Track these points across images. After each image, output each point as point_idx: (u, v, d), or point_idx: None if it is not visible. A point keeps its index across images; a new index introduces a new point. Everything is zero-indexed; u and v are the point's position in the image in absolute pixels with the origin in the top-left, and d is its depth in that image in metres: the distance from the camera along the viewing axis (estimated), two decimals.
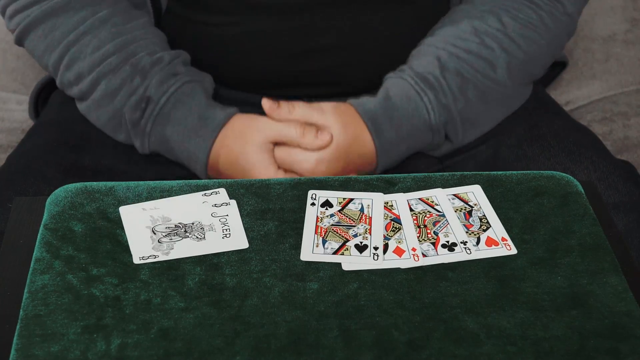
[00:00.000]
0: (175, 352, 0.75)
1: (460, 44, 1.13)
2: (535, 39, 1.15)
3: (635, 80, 1.49)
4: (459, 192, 0.92)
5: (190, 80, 1.12)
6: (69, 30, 1.11)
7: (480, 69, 1.12)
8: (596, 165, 1.09)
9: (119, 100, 1.11)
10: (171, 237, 0.86)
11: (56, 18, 1.12)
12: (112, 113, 1.12)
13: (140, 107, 1.10)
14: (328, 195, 0.91)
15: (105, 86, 1.11)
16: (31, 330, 0.76)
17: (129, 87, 1.10)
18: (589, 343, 0.76)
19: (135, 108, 1.10)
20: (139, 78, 1.10)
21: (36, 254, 0.84)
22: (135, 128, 1.11)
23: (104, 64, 1.10)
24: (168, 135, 1.10)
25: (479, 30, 1.13)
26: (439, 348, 0.76)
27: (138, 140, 1.11)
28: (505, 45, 1.13)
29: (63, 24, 1.11)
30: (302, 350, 0.75)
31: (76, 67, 1.12)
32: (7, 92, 1.49)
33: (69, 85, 1.14)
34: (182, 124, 1.10)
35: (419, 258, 0.84)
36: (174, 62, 1.12)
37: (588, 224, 0.88)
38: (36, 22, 1.12)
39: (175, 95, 1.10)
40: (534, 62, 1.17)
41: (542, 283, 0.82)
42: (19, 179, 1.09)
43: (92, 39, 1.11)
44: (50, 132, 1.18)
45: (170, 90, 1.10)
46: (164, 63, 1.11)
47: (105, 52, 1.10)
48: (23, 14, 1.13)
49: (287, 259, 0.84)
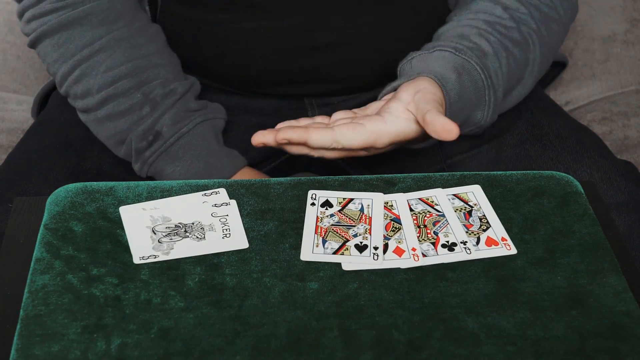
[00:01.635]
0: (175, 352, 0.75)
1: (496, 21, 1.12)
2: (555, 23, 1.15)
3: (635, 80, 1.49)
4: (459, 192, 0.92)
5: (203, 121, 1.12)
6: (83, 45, 1.11)
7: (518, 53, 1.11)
8: (598, 165, 1.09)
9: (124, 122, 1.11)
10: (171, 237, 0.86)
11: (72, 30, 1.11)
12: (113, 132, 1.12)
13: (148, 138, 1.10)
14: (328, 195, 0.91)
15: (112, 108, 1.10)
16: (31, 330, 0.76)
17: (137, 115, 1.10)
18: (588, 343, 0.76)
19: (142, 138, 1.10)
20: (149, 108, 1.10)
21: (36, 254, 0.84)
22: (138, 155, 1.11)
23: (115, 85, 1.10)
24: (169, 172, 1.11)
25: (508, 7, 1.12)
26: (438, 348, 0.76)
27: (137, 165, 1.12)
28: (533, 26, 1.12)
29: (78, 37, 1.11)
30: (302, 350, 0.75)
31: (85, 83, 1.11)
32: (7, 92, 1.49)
33: (74, 98, 1.13)
34: (186, 167, 1.10)
35: (418, 258, 0.84)
36: (186, 95, 1.12)
37: (588, 224, 0.88)
38: (52, 31, 1.12)
39: (186, 137, 1.11)
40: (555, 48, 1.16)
41: (542, 283, 0.82)
42: (19, 179, 1.09)
43: (105, 59, 1.10)
44: (52, 133, 1.18)
45: (182, 131, 1.10)
46: (176, 96, 1.11)
47: (118, 74, 1.10)
48: (40, 20, 1.12)
49: (287, 259, 0.84)
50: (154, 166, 1.11)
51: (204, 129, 1.12)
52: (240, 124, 1.22)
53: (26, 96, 1.49)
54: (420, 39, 1.18)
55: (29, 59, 1.52)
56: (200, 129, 1.11)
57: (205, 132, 1.12)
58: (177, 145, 1.10)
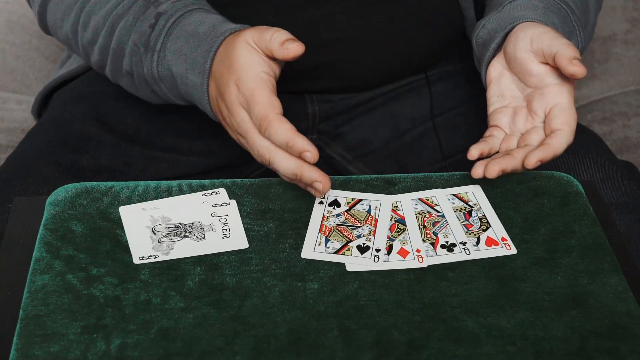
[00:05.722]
0: (175, 352, 0.75)
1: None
2: None
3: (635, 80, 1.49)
4: (459, 192, 0.92)
5: (208, 6, 1.06)
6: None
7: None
8: (599, 165, 1.09)
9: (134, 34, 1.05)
10: (171, 237, 0.86)
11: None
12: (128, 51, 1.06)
13: (152, 24, 1.04)
14: (337, 195, 0.91)
15: (120, 29, 1.06)
16: (31, 330, 0.76)
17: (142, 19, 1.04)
18: (589, 343, 0.76)
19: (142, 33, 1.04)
20: (153, 7, 1.04)
21: (36, 254, 0.84)
22: (146, 49, 1.04)
23: (118, 7, 1.06)
24: (176, 47, 1.03)
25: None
26: (439, 348, 0.76)
27: (147, 62, 1.04)
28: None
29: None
30: (302, 350, 0.75)
31: (93, 22, 1.07)
32: (7, 92, 1.49)
33: (89, 48, 1.10)
34: (192, 34, 1.02)
35: (423, 259, 0.84)
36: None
37: (588, 224, 0.88)
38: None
39: (191, 13, 1.04)
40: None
41: (542, 283, 0.82)
42: (18, 179, 1.09)
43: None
44: (49, 132, 1.18)
45: (187, 8, 1.04)
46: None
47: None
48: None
49: (287, 259, 0.84)
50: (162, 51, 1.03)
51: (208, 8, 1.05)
52: None
53: (26, 96, 1.49)
54: (427, 39, 1.18)
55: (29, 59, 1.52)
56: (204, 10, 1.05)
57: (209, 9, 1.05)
58: (182, 19, 1.03)
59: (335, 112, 1.22)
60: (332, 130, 1.24)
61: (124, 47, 1.06)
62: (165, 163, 1.17)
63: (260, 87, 0.93)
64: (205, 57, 0.99)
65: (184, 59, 1.01)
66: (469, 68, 1.25)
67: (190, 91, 1.02)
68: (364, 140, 1.23)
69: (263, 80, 0.94)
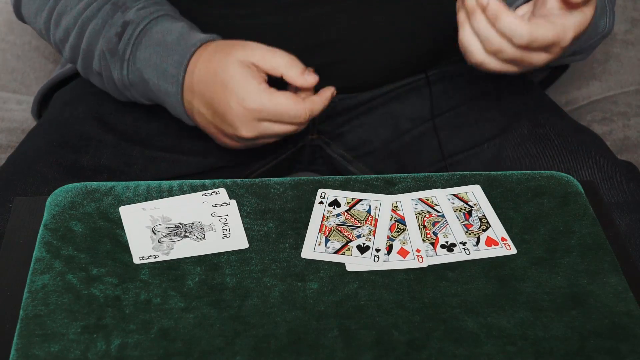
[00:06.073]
0: (175, 352, 0.75)
1: None
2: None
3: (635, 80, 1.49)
4: (459, 192, 0.92)
5: (173, 11, 1.08)
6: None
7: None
8: (600, 165, 1.09)
9: (103, 39, 1.08)
10: (171, 237, 0.86)
11: None
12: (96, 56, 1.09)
13: (116, 31, 1.06)
14: (337, 195, 0.91)
15: (90, 32, 1.08)
16: (31, 330, 0.76)
17: (109, 24, 1.07)
18: (589, 343, 0.76)
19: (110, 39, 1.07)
20: (120, 12, 1.07)
21: (36, 254, 0.84)
22: (114, 57, 1.07)
23: (87, 10, 1.08)
24: (146, 57, 1.06)
25: None
26: (439, 348, 0.76)
27: (117, 69, 1.07)
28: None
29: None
30: (302, 350, 0.75)
31: (64, 22, 1.10)
32: (7, 92, 1.49)
33: (61, 45, 1.12)
34: (162, 45, 1.05)
35: (423, 259, 0.84)
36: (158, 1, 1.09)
37: (588, 224, 0.88)
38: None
39: (157, 20, 1.06)
40: None
41: (542, 283, 0.82)
42: (19, 179, 1.09)
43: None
44: (50, 132, 1.18)
45: (152, 15, 1.06)
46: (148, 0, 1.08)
47: (89, 0, 1.09)
48: None
49: (287, 258, 0.84)
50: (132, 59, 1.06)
51: (175, 16, 1.08)
52: None
53: (26, 96, 1.49)
54: (427, 38, 1.18)
55: (29, 59, 1.52)
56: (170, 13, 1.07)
57: (176, 17, 1.08)
58: (149, 27, 1.06)
59: (336, 112, 1.23)
60: (332, 130, 1.24)
61: (93, 49, 1.09)
62: (165, 163, 1.17)
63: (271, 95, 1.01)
64: (178, 68, 1.03)
65: (154, 67, 1.05)
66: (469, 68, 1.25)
67: (163, 97, 1.06)
68: (364, 140, 1.23)
69: (267, 89, 1.01)
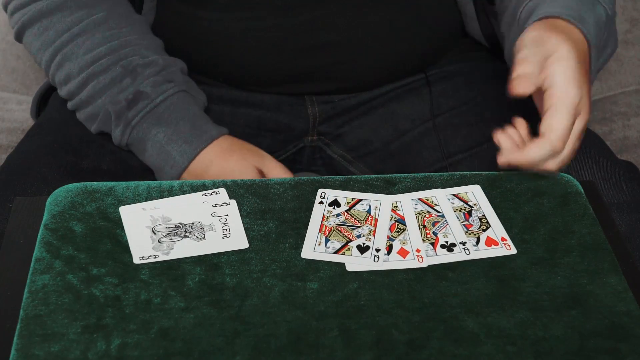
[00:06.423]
0: (175, 352, 0.75)
1: None
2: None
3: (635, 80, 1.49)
4: (459, 192, 0.92)
5: (186, 90, 1.12)
6: (63, 30, 1.11)
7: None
8: (600, 165, 1.09)
9: (106, 98, 1.10)
10: (171, 237, 0.86)
11: (52, 17, 1.12)
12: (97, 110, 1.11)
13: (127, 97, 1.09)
14: (337, 195, 0.91)
15: (94, 86, 1.10)
16: (31, 330, 0.76)
17: (117, 87, 1.10)
18: (588, 343, 0.76)
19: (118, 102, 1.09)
20: (130, 79, 1.10)
21: (36, 254, 0.84)
22: (120, 119, 1.09)
23: (95, 65, 1.10)
24: (154, 133, 1.09)
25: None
26: (439, 348, 0.76)
27: (119, 129, 1.10)
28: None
29: (58, 23, 1.12)
30: (302, 350, 0.75)
31: (67, 68, 1.12)
32: (7, 92, 1.49)
33: (59, 85, 1.14)
34: (172, 127, 1.09)
35: (423, 259, 0.84)
36: (169, 68, 1.12)
37: (588, 224, 0.88)
38: (32, 20, 1.13)
39: (171, 98, 1.10)
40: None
41: (541, 283, 0.82)
42: (18, 180, 1.08)
43: (85, 41, 1.11)
44: (50, 132, 1.18)
45: (167, 92, 1.10)
46: (158, 67, 1.11)
47: (97, 54, 1.10)
48: (22, 12, 1.14)
49: (287, 258, 0.84)
50: (138, 129, 1.09)
51: (187, 96, 1.11)
52: (241, 116, 1.22)
53: (26, 96, 1.49)
54: (425, 38, 1.18)
55: (29, 59, 1.52)
56: (183, 95, 1.11)
57: (189, 99, 1.11)
58: (163, 106, 1.09)
59: (335, 113, 1.23)
60: (332, 131, 1.24)
61: (92, 101, 1.12)
62: None
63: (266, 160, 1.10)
64: (183, 157, 1.08)
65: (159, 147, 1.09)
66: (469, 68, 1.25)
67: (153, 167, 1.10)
68: (364, 141, 1.23)
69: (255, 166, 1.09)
